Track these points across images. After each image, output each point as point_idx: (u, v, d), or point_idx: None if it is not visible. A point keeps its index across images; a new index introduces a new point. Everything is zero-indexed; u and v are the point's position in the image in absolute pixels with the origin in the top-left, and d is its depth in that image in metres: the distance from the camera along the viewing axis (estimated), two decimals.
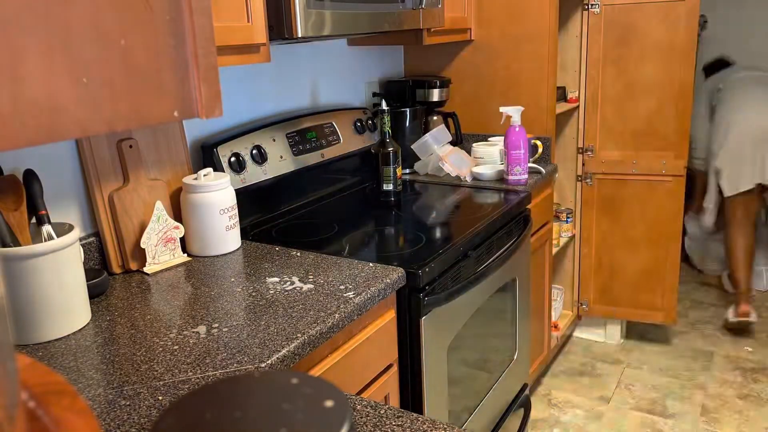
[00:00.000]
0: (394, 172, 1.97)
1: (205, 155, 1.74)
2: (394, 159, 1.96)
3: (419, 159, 2.34)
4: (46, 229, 1.27)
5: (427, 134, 2.29)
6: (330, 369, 1.26)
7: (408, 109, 2.36)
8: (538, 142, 2.39)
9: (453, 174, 2.24)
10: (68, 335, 1.21)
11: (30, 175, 1.30)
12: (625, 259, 2.80)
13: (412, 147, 2.30)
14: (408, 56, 2.65)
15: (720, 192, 3.15)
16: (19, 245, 1.21)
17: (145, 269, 1.50)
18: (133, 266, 1.51)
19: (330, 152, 2.08)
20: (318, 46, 2.18)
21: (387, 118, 1.92)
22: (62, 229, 1.30)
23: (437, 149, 2.27)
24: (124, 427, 0.92)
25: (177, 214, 1.62)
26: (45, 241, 1.25)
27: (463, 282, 1.65)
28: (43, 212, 1.28)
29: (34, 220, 1.29)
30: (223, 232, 1.58)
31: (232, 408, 0.55)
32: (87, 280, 1.35)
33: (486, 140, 2.45)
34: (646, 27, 2.55)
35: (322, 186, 2.09)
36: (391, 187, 1.98)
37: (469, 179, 2.22)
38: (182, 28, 0.42)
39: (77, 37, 0.36)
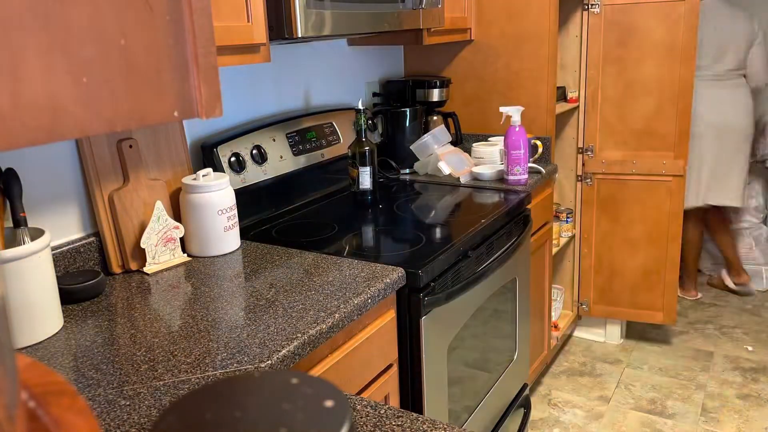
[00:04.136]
0: (373, 171, 1.94)
1: (205, 155, 1.74)
2: (371, 158, 1.93)
3: (419, 159, 2.34)
4: (22, 232, 1.24)
5: (426, 134, 2.29)
6: (330, 369, 1.26)
7: (408, 109, 2.36)
8: (538, 142, 2.39)
9: (446, 173, 2.23)
10: (36, 344, 1.18)
11: (11, 176, 1.27)
12: (625, 259, 2.80)
13: (411, 147, 2.30)
14: (408, 56, 2.65)
15: None
16: None
17: (145, 269, 1.50)
18: (133, 266, 1.51)
19: (330, 152, 2.08)
20: (318, 46, 2.18)
21: (363, 118, 1.90)
22: (36, 234, 1.25)
23: (437, 149, 2.27)
24: (124, 427, 0.92)
25: (177, 214, 1.62)
26: (22, 244, 1.22)
27: (463, 282, 1.65)
28: (23, 214, 1.25)
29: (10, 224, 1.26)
30: (222, 232, 1.58)
31: (232, 408, 0.55)
32: (83, 282, 1.35)
33: (486, 140, 2.45)
34: (646, 27, 2.55)
35: (322, 186, 2.09)
36: (368, 186, 1.95)
37: (467, 179, 2.22)
38: (182, 28, 0.42)
39: (77, 37, 0.36)
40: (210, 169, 1.62)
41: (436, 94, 2.45)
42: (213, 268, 1.51)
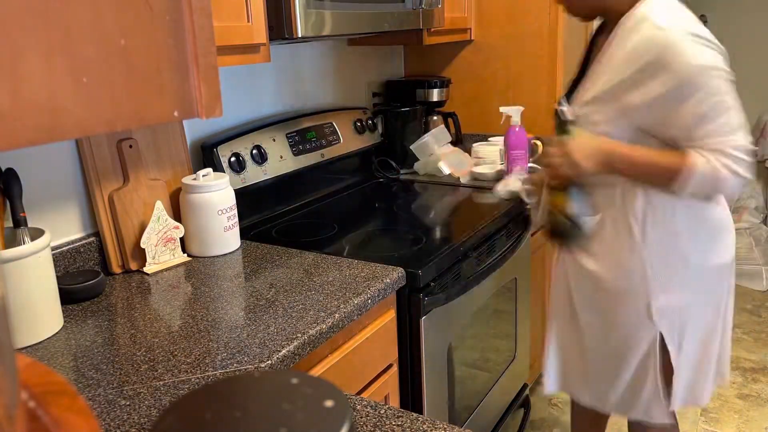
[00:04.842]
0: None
1: (205, 155, 1.74)
2: None
3: (419, 159, 2.34)
4: (22, 232, 1.24)
5: (426, 134, 2.29)
6: (330, 369, 1.26)
7: (408, 109, 2.36)
8: (538, 142, 2.38)
9: (446, 173, 2.23)
10: (36, 344, 1.18)
11: (11, 176, 1.27)
12: None
13: (411, 147, 2.30)
14: (408, 56, 2.65)
15: None
16: None
17: (145, 269, 1.50)
18: (133, 266, 1.51)
19: (330, 152, 2.08)
20: (318, 46, 2.18)
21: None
22: (36, 234, 1.24)
23: (437, 149, 2.27)
24: (124, 427, 0.92)
25: (177, 214, 1.62)
26: (22, 244, 1.22)
27: (463, 282, 1.65)
28: (23, 214, 1.25)
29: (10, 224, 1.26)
30: (222, 232, 1.58)
31: (232, 408, 0.55)
32: (83, 282, 1.35)
33: (486, 140, 2.45)
34: None
35: (322, 186, 2.09)
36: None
37: (467, 179, 2.22)
38: (182, 28, 0.42)
39: (77, 37, 0.36)
40: (210, 169, 1.62)
41: (436, 94, 2.45)
42: (213, 268, 1.51)
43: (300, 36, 1.48)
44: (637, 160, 1.27)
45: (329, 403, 0.55)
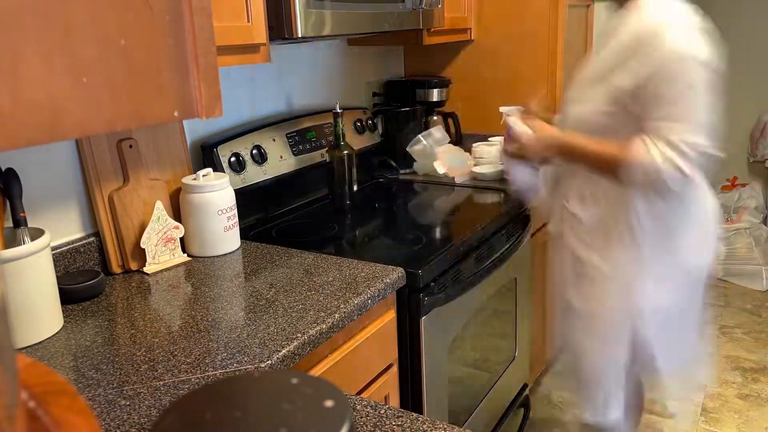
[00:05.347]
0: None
1: (205, 155, 1.73)
2: (350, 163, 1.89)
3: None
4: (22, 232, 1.24)
5: (420, 135, 2.29)
6: (330, 369, 1.26)
7: (408, 109, 2.36)
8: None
9: (441, 173, 2.23)
10: (36, 344, 1.18)
11: (11, 176, 1.26)
12: None
13: (407, 149, 2.30)
14: (408, 56, 2.65)
15: None
16: None
17: (145, 269, 1.50)
18: (133, 266, 1.51)
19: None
20: (318, 46, 2.18)
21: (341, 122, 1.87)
22: (36, 234, 1.24)
23: (435, 149, 2.27)
24: (124, 427, 0.92)
25: (177, 214, 1.62)
26: (22, 244, 1.21)
27: (463, 282, 1.64)
28: (23, 214, 1.25)
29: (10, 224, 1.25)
30: (222, 232, 1.58)
31: (232, 408, 0.55)
32: (83, 282, 1.35)
33: (486, 140, 2.45)
34: None
35: (322, 186, 2.09)
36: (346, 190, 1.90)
37: (465, 179, 2.22)
38: (182, 28, 0.42)
39: (77, 37, 0.36)
40: (210, 169, 1.62)
41: (435, 94, 2.45)
42: (213, 268, 1.51)
43: (300, 36, 1.48)
44: (581, 149, 1.32)
45: (329, 403, 0.55)
